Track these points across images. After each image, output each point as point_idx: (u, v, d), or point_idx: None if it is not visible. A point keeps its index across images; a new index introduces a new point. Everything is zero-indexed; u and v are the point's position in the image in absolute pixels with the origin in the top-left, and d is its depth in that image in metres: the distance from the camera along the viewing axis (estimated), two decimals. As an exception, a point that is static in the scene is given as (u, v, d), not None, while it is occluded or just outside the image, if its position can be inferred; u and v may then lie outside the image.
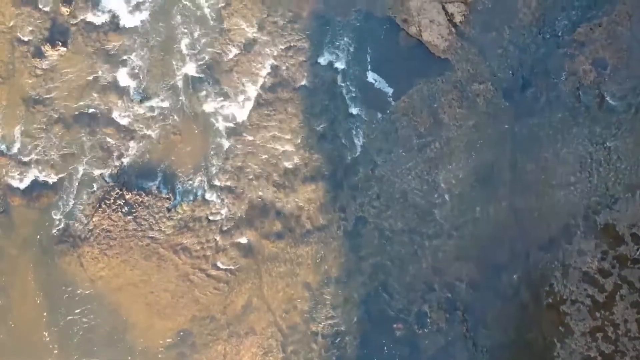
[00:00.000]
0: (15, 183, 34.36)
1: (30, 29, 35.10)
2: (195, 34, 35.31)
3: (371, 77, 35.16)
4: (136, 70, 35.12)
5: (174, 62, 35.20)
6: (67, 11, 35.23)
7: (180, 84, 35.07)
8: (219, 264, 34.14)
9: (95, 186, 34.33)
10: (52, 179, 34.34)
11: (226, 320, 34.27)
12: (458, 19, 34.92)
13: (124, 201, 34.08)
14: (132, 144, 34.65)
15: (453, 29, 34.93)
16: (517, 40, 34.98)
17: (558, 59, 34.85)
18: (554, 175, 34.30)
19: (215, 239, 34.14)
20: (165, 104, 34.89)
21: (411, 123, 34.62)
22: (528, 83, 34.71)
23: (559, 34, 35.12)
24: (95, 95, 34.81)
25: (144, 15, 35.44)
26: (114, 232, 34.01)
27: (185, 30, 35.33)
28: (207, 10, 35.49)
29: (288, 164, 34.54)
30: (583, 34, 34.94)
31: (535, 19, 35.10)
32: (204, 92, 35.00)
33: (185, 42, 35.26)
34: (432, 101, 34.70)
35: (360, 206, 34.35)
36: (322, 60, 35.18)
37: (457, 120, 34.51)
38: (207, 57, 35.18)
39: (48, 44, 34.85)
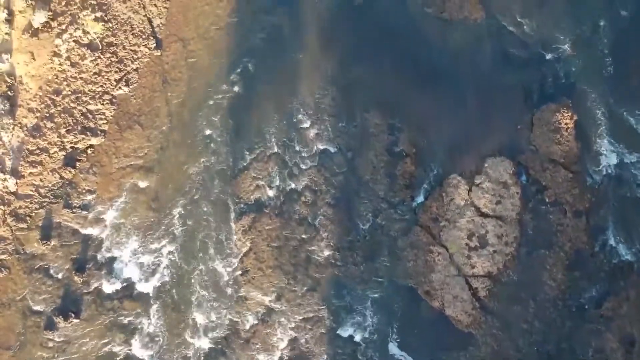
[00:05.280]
0: None
1: (42, 297, 34.12)
2: (211, 302, 34.35)
3: (392, 349, 34.14)
4: (151, 340, 34.09)
5: (188, 331, 34.21)
6: (80, 279, 34.29)
7: (195, 355, 34.05)
8: None
9: None
10: None
11: None
12: (482, 293, 33.97)
13: None
14: (146, 420, 33.69)
15: (477, 304, 33.96)
16: (542, 314, 34.05)
17: (585, 335, 33.90)
18: None
19: None
20: (180, 376, 33.97)
21: (435, 406, 33.69)
22: (554, 361, 33.83)
23: (586, 306, 34.19)
24: (108, 368, 33.90)
25: (159, 281, 34.54)
26: None
27: (201, 298, 34.38)
28: (224, 278, 34.55)
29: None
30: (610, 309, 34.05)
31: (561, 291, 34.19)
32: (220, 364, 34.10)
33: (200, 309, 34.29)
34: (456, 383, 33.80)
35: None
36: (342, 332, 34.20)
37: (483, 404, 33.56)
38: (222, 327, 34.18)
39: (60, 316, 33.84)
